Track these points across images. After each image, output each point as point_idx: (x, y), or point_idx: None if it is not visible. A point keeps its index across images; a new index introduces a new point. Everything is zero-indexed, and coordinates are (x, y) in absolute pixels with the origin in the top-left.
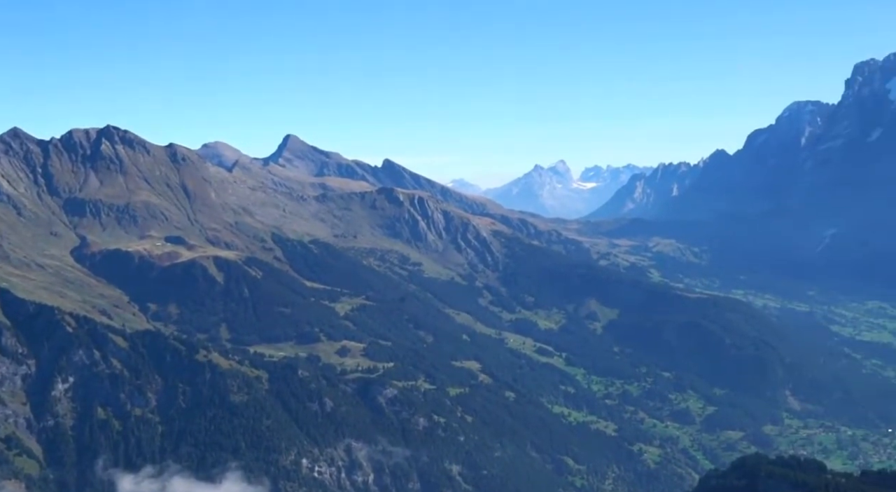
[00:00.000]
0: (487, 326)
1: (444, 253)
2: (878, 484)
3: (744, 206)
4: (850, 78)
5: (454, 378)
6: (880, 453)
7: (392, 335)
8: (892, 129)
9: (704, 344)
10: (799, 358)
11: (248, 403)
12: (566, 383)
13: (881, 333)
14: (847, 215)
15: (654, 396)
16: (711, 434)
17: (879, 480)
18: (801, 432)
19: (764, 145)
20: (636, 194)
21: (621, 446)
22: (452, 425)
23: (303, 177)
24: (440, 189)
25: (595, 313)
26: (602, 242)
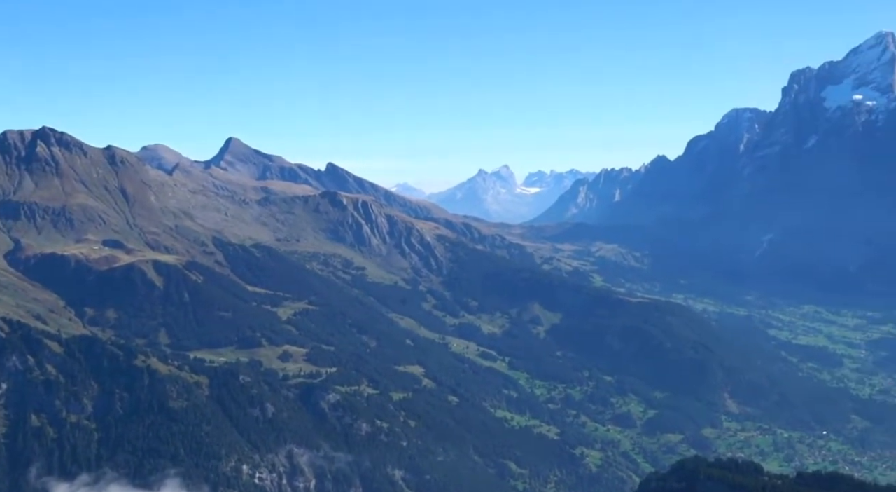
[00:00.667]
0: (431, 331)
1: (387, 257)
2: (813, 486)
3: (684, 211)
4: (787, 86)
5: (397, 383)
6: (815, 454)
7: (335, 340)
8: (828, 136)
9: (646, 348)
10: (737, 361)
11: (188, 408)
12: (509, 387)
13: (817, 336)
14: (784, 221)
15: (596, 399)
16: (652, 437)
17: (814, 481)
18: (739, 435)
19: (704, 151)
20: (579, 199)
21: (563, 450)
22: (395, 429)
23: (245, 180)
24: (384, 193)
25: (538, 318)
26: (545, 246)
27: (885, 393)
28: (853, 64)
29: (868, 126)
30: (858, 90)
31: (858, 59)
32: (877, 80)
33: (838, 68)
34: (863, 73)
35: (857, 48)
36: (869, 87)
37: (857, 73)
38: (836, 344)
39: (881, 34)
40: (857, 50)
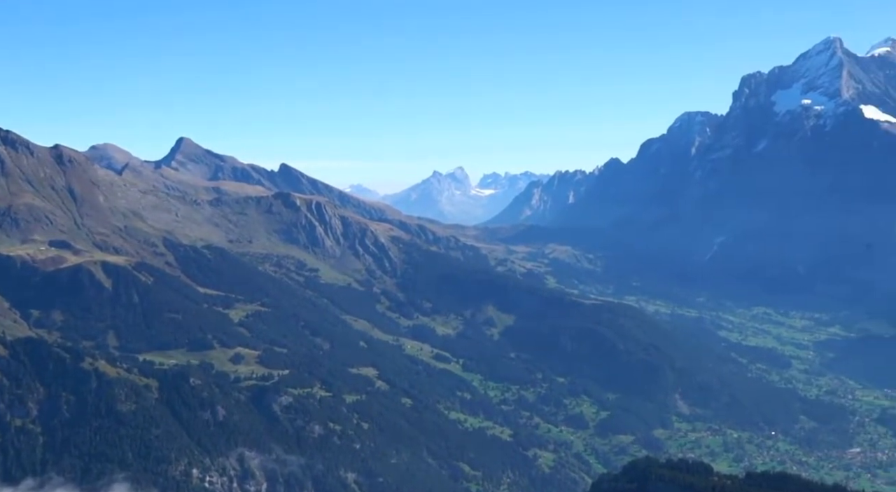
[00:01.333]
0: (385, 333)
1: (341, 259)
2: (761, 486)
3: (637, 213)
4: (738, 90)
5: (351, 385)
6: (764, 454)
7: (288, 342)
8: (777, 140)
9: (598, 349)
10: (688, 363)
11: (137, 412)
12: (463, 388)
13: (766, 338)
14: (735, 223)
15: (550, 401)
16: (604, 438)
17: (763, 481)
18: (690, 436)
19: (656, 154)
20: (533, 201)
21: (516, 452)
22: (348, 432)
23: (196, 181)
24: (338, 194)
25: (492, 319)
26: (500, 248)
27: (831, 394)
28: (802, 69)
29: (816, 130)
30: (807, 95)
31: (807, 64)
32: (825, 85)
33: (788, 73)
34: (811, 78)
35: (805, 53)
36: (817, 91)
37: (805, 78)
38: (785, 345)
39: (829, 40)
40: (806, 55)
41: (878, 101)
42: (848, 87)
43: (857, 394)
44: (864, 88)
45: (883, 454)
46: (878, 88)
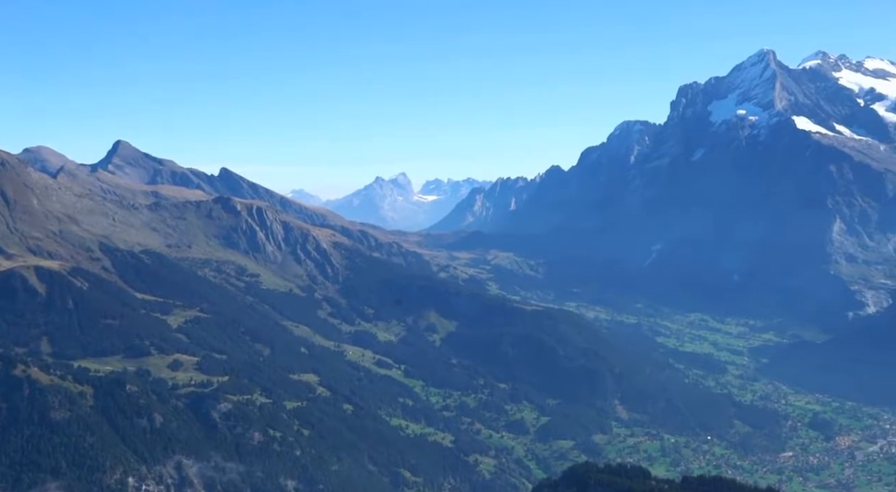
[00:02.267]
0: (326, 339)
1: (283, 264)
2: (697, 490)
3: (578, 220)
4: (675, 100)
5: (291, 391)
6: (700, 459)
7: (227, 348)
8: (713, 149)
9: (539, 355)
10: (627, 369)
11: (71, 419)
12: (405, 395)
13: (702, 344)
14: (672, 231)
15: (491, 407)
16: (544, 444)
17: (699, 485)
18: (629, 441)
19: (596, 162)
20: (476, 208)
21: (458, 458)
22: (289, 439)
23: (134, 185)
24: (279, 199)
25: (434, 325)
26: (442, 254)
27: (765, 399)
28: (737, 80)
29: (751, 140)
30: (742, 105)
31: (742, 75)
32: (759, 96)
33: (723, 84)
34: (746, 89)
35: (740, 65)
36: (751, 102)
37: (740, 89)
38: (721, 351)
39: (763, 52)
40: (741, 66)
41: (810, 113)
42: (781, 98)
43: (790, 399)
44: (797, 100)
45: (814, 458)
46: (809, 100)
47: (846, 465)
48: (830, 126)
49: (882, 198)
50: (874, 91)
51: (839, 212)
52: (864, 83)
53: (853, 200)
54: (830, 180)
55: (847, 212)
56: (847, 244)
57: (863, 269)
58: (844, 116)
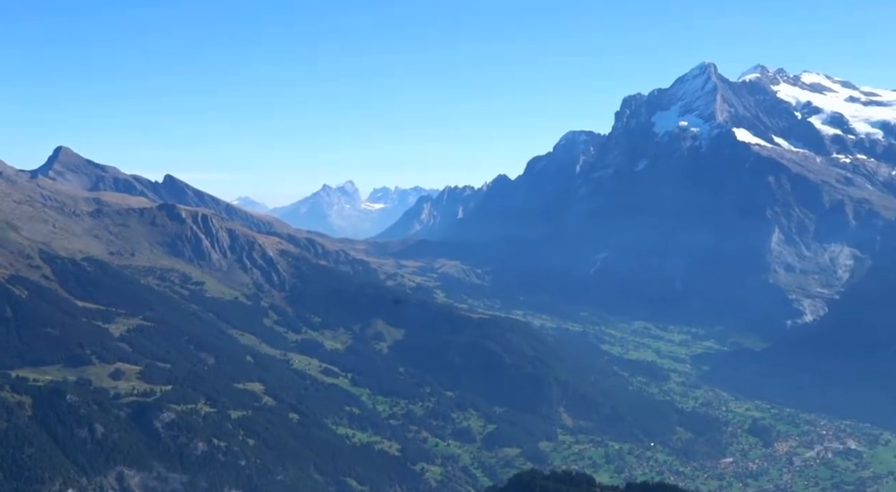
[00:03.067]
0: (272, 347)
1: (228, 272)
2: None
3: (524, 229)
4: (620, 110)
5: (236, 400)
6: (643, 465)
7: (171, 357)
8: (657, 160)
9: (486, 363)
10: (572, 376)
11: (8, 430)
12: (351, 403)
13: (646, 351)
14: (617, 240)
15: (438, 415)
16: (491, 452)
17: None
18: (574, 448)
19: (543, 171)
20: (423, 216)
21: (404, 466)
22: (233, 448)
23: (76, 191)
24: (225, 207)
25: (381, 334)
26: (389, 262)
27: (706, 406)
28: (679, 92)
29: (693, 151)
30: (684, 117)
31: (684, 87)
32: (700, 108)
33: (666, 95)
34: (688, 101)
35: (683, 77)
36: (693, 114)
37: (683, 101)
38: (664, 359)
39: (704, 65)
40: (683, 79)
41: (749, 125)
42: (722, 110)
43: (730, 405)
44: (737, 112)
45: (753, 464)
46: (749, 112)
47: (784, 470)
48: (769, 138)
49: (818, 209)
50: (811, 104)
51: (778, 222)
52: (801, 97)
53: (791, 211)
54: (769, 191)
55: (785, 222)
56: (785, 254)
57: (800, 278)
58: (782, 129)
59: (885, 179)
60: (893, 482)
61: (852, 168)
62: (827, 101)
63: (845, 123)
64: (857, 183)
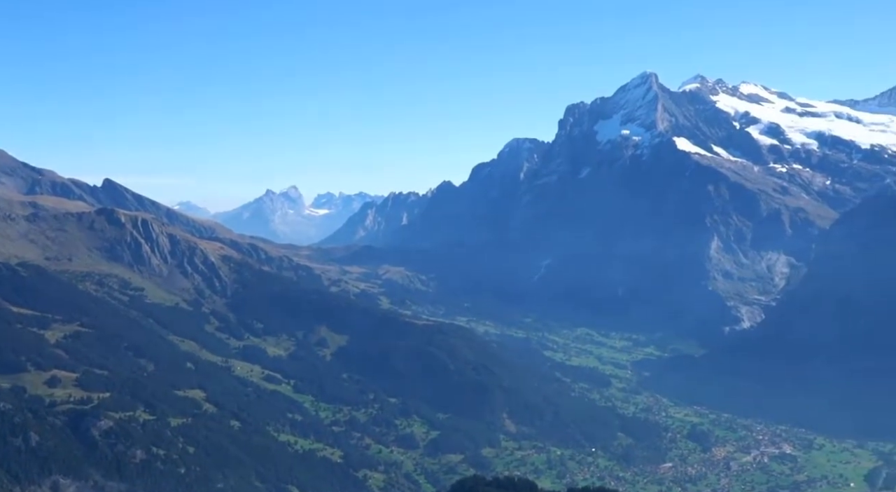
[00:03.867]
0: (214, 354)
1: (169, 278)
2: None
3: (469, 235)
4: (563, 119)
5: (176, 408)
6: (585, 471)
7: (109, 364)
8: (599, 167)
9: (430, 370)
10: (515, 383)
11: None
12: (294, 410)
13: (588, 358)
14: (560, 247)
15: (381, 421)
16: (434, 458)
17: None
18: (516, 454)
19: (487, 178)
20: (367, 222)
21: (347, 473)
22: (173, 456)
23: (11, 194)
24: (166, 211)
25: (325, 340)
26: (333, 268)
27: (647, 411)
28: (621, 101)
29: (634, 159)
30: (626, 125)
31: (626, 96)
32: (642, 117)
33: (608, 104)
34: (630, 110)
35: (625, 86)
36: (635, 123)
37: (625, 110)
38: (605, 365)
39: (646, 74)
40: (625, 88)
41: (690, 134)
42: (663, 119)
43: (670, 411)
44: (677, 121)
45: (692, 469)
46: (689, 122)
47: (722, 475)
48: (708, 147)
49: (756, 217)
50: (749, 115)
51: (716, 230)
52: (739, 107)
53: (729, 219)
54: (708, 200)
55: (724, 230)
56: (724, 261)
57: (738, 285)
58: (721, 138)
59: (820, 189)
60: (827, 486)
61: (788, 177)
62: (764, 112)
63: (782, 133)
64: (793, 192)
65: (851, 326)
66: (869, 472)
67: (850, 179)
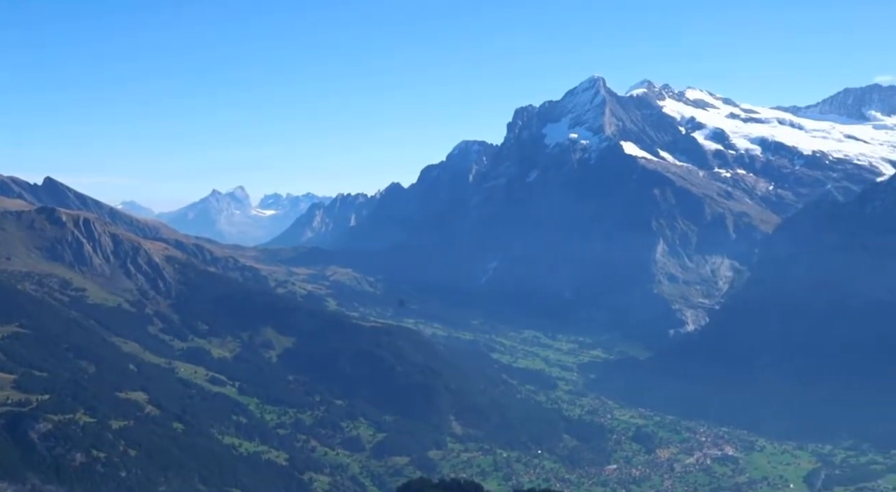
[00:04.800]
0: (157, 355)
1: (111, 278)
2: None
3: (417, 237)
4: (512, 122)
5: (118, 410)
6: (531, 473)
7: (49, 366)
8: (547, 171)
9: (377, 372)
10: (462, 385)
11: None
12: (238, 412)
13: (535, 360)
14: (508, 249)
15: (327, 424)
16: (380, 460)
17: None
18: (463, 456)
19: (436, 180)
20: (315, 223)
21: (292, 476)
22: (114, 459)
23: None
24: (109, 211)
25: (271, 342)
26: (280, 269)
27: (592, 413)
28: (570, 104)
29: (582, 163)
30: (574, 129)
31: (574, 100)
32: (590, 120)
33: (557, 108)
34: (578, 114)
35: (573, 90)
36: (583, 126)
37: (573, 113)
38: (552, 367)
39: (594, 78)
40: (574, 92)
41: (636, 139)
42: (610, 123)
43: (615, 413)
44: (624, 126)
45: (637, 470)
46: (636, 126)
47: (665, 476)
48: (655, 152)
49: (701, 221)
50: (694, 120)
51: (662, 234)
52: (685, 112)
53: (675, 223)
54: (654, 204)
55: (669, 234)
56: (669, 265)
57: (683, 288)
58: (667, 143)
59: (763, 194)
60: (767, 487)
61: (732, 182)
62: (709, 117)
63: (726, 138)
64: (737, 197)
65: (793, 330)
66: (808, 473)
67: (792, 185)
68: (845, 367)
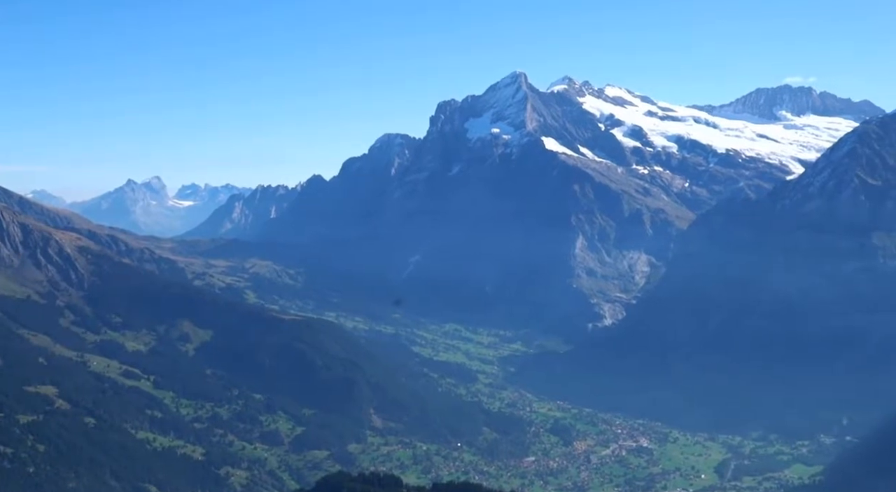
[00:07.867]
0: (68, 348)
1: (20, 269)
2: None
3: (339, 230)
4: (434, 115)
5: (26, 405)
6: (450, 466)
7: None
8: (470, 165)
9: (297, 365)
10: (383, 378)
11: None
12: (153, 407)
13: (456, 353)
14: (430, 243)
15: (245, 418)
16: (299, 454)
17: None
18: (383, 449)
19: (358, 173)
20: (234, 215)
21: (208, 470)
22: (21, 455)
23: None
24: (18, 200)
25: (188, 335)
26: (198, 262)
27: (512, 406)
28: (492, 99)
29: (504, 158)
30: (496, 124)
31: (496, 95)
32: (511, 116)
33: (479, 102)
34: (500, 109)
35: (495, 85)
36: (505, 122)
37: (495, 108)
38: (473, 361)
39: (515, 74)
40: (496, 87)
41: (557, 135)
42: (531, 119)
43: (534, 406)
44: (546, 122)
45: (554, 462)
46: (556, 122)
47: (582, 468)
48: (575, 148)
49: (619, 217)
50: (613, 117)
51: (581, 229)
52: (604, 109)
53: (594, 219)
54: (574, 199)
55: (588, 229)
56: (588, 260)
57: (601, 283)
58: (587, 139)
59: (679, 191)
60: (680, 478)
61: (650, 179)
62: (628, 115)
63: (644, 136)
64: (654, 193)
65: (705, 324)
66: (719, 464)
67: (706, 182)
68: (755, 361)
